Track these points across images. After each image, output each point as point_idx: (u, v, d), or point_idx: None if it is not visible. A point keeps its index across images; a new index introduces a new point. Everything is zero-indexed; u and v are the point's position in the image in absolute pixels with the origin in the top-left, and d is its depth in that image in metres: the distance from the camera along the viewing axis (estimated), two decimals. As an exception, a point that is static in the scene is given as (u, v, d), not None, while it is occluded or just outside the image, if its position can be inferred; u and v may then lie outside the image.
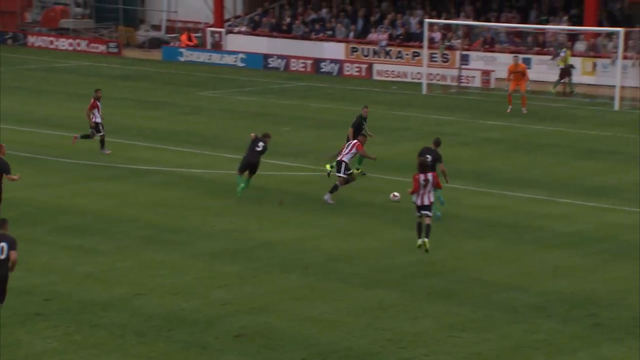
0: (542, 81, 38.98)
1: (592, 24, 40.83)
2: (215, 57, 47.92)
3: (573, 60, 39.35)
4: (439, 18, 43.80)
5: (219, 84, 41.86)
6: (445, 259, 18.08)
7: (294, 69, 45.50)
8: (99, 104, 26.60)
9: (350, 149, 22.21)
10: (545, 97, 35.08)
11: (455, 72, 40.92)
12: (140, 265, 17.56)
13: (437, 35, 43.06)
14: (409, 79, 42.09)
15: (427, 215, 17.97)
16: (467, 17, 44.15)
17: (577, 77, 39.55)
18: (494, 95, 37.96)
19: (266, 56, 46.59)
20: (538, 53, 41.61)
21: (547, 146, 28.62)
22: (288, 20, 48.67)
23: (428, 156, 20.25)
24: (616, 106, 35.08)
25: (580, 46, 40.75)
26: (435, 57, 42.54)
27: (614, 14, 42.74)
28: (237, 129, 31.37)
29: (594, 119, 33.38)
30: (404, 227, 20.11)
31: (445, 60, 42.89)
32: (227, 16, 51.12)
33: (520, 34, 42.30)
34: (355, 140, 22.60)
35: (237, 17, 51.37)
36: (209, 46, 49.62)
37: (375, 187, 23.60)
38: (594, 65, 39.89)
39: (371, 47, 45.32)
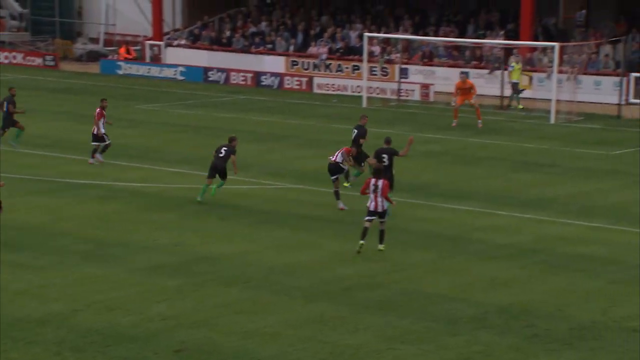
0: (480, 94, 39.48)
1: (527, 38, 41.52)
2: (155, 70, 47.63)
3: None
4: (379, 32, 44.14)
5: (158, 97, 41.60)
6: (386, 271, 18.16)
7: (234, 82, 45.43)
8: (105, 113, 27.02)
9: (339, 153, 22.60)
10: (483, 111, 35.47)
11: (394, 86, 41.26)
12: (77, 280, 17.33)
13: (377, 49, 43.39)
14: (349, 92, 42.32)
15: (380, 221, 18.73)
16: (405, 32, 44.58)
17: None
18: (433, 108, 38.35)
19: (206, 69, 46.45)
20: (476, 67, 42.16)
21: (486, 159, 28.97)
22: (228, 33, 48.59)
23: (384, 156, 21.68)
24: (552, 120, 35.68)
25: (514, 60, 41.41)
26: (375, 71, 42.84)
27: (549, 28, 43.53)
28: (177, 142, 31.19)
29: (531, 132, 33.91)
30: (345, 239, 20.17)
31: (384, 73, 43.23)
32: (166, 29, 50.88)
33: (458, 48, 42.83)
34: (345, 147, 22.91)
35: (176, 30, 51.14)
36: (147, 59, 49.31)
37: (317, 200, 23.63)
38: (530, 79, 40.53)
39: (311, 61, 45.49)
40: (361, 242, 18.70)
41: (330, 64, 44.92)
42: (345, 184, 24.27)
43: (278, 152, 29.85)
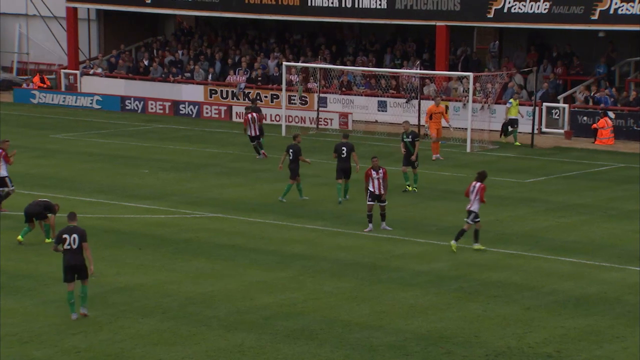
0: (396, 123, 39.95)
1: (443, 68, 42.30)
2: (70, 99, 46.99)
3: (426, 104, 40.56)
4: (297, 61, 44.42)
5: (74, 126, 41.03)
6: (304, 299, 18.18)
7: (152, 111, 45.10)
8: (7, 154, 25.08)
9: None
10: (397, 139, 35.87)
11: (313, 114, 41.50)
12: (-11, 313, 16.91)
13: (295, 78, 43.62)
14: (268, 121, 42.37)
15: (475, 221, 21.50)
16: (324, 61, 44.95)
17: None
18: (351, 137, 38.60)
19: (123, 98, 46.03)
20: (393, 96, 42.73)
21: (403, 187, 29.19)
22: (145, 62, 48.28)
23: (344, 148, 26.16)
24: (468, 148, 36.31)
25: (430, 89, 42.10)
26: (293, 100, 43.03)
27: (467, 58, 44.39)
28: (94, 172, 30.79)
29: (448, 160, 34.43)
30: (264, 268, 20.13)
31: (303, 102, 43.46)
32: (82, 58, 50.30)
33: (376, 77, 43.37)
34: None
35: (92, 59, 50.60)
36: (63, 88, 48.63)
37: (235, 229, 23.56)
38: (447, 108, 41.24)
39: (230, 89, 45.48)
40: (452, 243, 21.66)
41: (249, 92, 44.97)
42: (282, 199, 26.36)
43: (196, 181, 29.70)
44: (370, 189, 23.19)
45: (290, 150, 26.84)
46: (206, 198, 27.10)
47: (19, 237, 21.44)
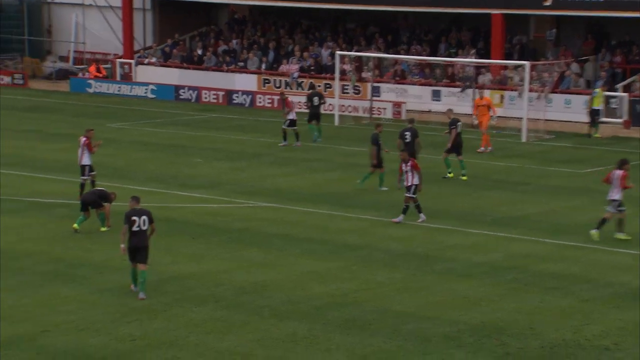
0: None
1: (498, 57, 41.85)
2: (125, 89, 47.49)
3: (482, 93, 40.22)
4: (350, 50, 44.33)
5: (128, 115, 41.46)
6: (357, 289, 18.17)
7: (206, 100, 45.38)
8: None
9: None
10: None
11: (367, 104, 41.40)
12: (44, 301, 17.20)
13: (348, 67, 43.55)
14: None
15: (619, 210, 21.42)
16: (378, 50, 44.80)
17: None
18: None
19: (177, 87, 46.37)
20: (447, 85, 42.42)
21: (456, 176, 29.03)
22: (199, 51, 48.59)
23: (407, 133, 26.53)
24: (523, 138, 35.93)
25: (485, 79, 41.70)
26: (347, 89, 42.99)
27: (523, 46, 43.89)
28: (148, 161, 31.09)
29: (503, 150, 34.11)
30: (317, 258, 20.17)
31: (357, 92, 43.37)
32: (136, 47, 50.77)
33: (430, 66, 43.09)
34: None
35: (147, 48, 51.06)
36: (118, 77, 49.16)
37: (288, 218, 23.63)
38: (502, 97, 40.83)
39: (283, 79, 45.55)
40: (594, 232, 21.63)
41: (302, 81, 45.01)
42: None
43: (250, 170, 29.85)
44: (405, 183, 22.92)
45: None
46: (259, 187, 27.21)
47: (75, 225, 21.76)
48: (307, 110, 35.56)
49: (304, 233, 22.28)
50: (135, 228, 17.57)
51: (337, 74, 40.15)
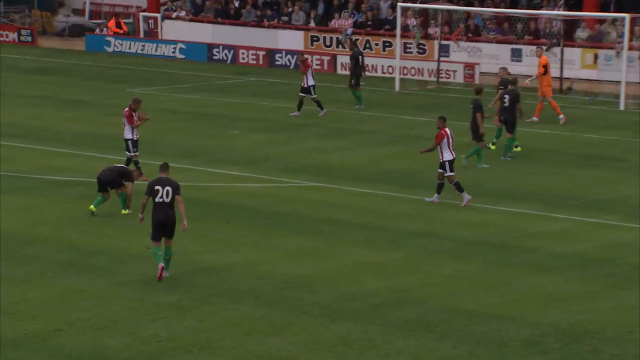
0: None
1: (592, 9, 41.36)
2: (150, 48, 47.84)
3: (571, 52, 39.79)
4: (415, 2, 44.12)
5: (154, 79, 41.77)
6: (420, 285, 18.19)
7: (244, 61, 45.55)
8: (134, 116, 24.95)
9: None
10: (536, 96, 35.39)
11: (433, 65, 41.23)
12: (57, 295, 17.45)
13: (412, 22, 43.36)
14: (379, 74, 42.34)
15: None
16: (447, 1, 44.52)
17: (575, 71, 39.99)
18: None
19: (210, 46, 46.60)
20: (530, 43, 42.06)
21: (540, 152, 28.90)
22: (236, 4, 48.73)
23: (506, 96, 27.48)
24: (621, 105, 35.54)
25: (581, 34, 41.21)
26: (409, 48, 42.82)
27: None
28: (176, 132, 31.35)
29: (596, 120, 33.79)
30: (373, 247, 20.21)
31: (421, 51, 43.20)
32: (163, -1, 51.10)
33: (510, 21, 42.75)
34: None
35: (174, 0, 51.32)
36: (142, 34, 49.52)
37: (340, 201, 23.70)
38: (596, 57, 40.37)
39: (335, 36, 45.53)
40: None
41: (357, 39, 44.94)
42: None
43: (295, 144, 29.93)
44: (447, 155, 23.03)
45: (471, 106, 26.82)
46: (305, 164, 27.30)
47: (92, 207, 22.05)
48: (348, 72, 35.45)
49: (358, 218, 22.30)
50: (158, 199, 18.03)
51: (398, 30, 40.03)
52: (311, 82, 33.23)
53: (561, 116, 32.66)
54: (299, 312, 16.78)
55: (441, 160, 23.13)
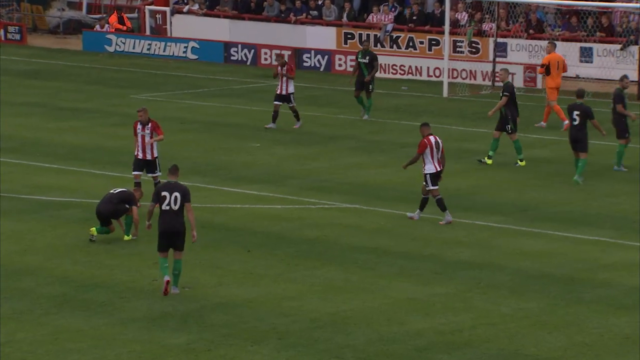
0: (606, 80, 39.14)
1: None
2: (157, 47, 48.03)
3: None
4: (466, -7, 44.10)
5: (162, 83, 41.93)
6: (473, 325, 18.11)
7: (266, 62, 45.63)
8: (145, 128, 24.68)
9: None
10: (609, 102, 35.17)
11: (488, 67, 41.14)
12: (49, 335, 17.49)
13: (464, 17, 43.31)
14: (424, 77, 42.26)
15: None
16: (504, -8, 44.47)
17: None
18: (541, 97, 38.17)
19: (228, 45, 46.73)
20: (602, 41, 41.89)
21: (610, 168, 28.64)
22: (258, -5, 48.84)
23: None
24: None
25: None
26: (460, 47, 42.77)
27: None
28: (187, 145, 31.41)
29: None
30: (417, 281, 20.13)
31: (474, 50, 43.14)
32: (173, -10, 51.31)
33: (578, 15, 42.61)
34: None
35: (187, -9, 51.51)
36: (148, 31, 49.74)
37: (375, 225, 23.65)
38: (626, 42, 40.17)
39: (372, 33, 45.56)
40: None
41: (398, 37, 44.95)
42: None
43: (326, 159, 29.92)
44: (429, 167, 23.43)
45: (576, 113, 27.02)
46: (338, 182, 27.28)
47: (93, 230, 22.03)
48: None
49: (399, 245, 22.25)
50: (165, 206, 18.46)
51: (447, 26, 40.00)
52: (291, 90, 33.11)
53: (566, 122, 32.77)
54: (329, 357, 16.74)
55: (423, 172, 23.39)
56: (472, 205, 25.11)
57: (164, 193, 18.64)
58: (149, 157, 24.20)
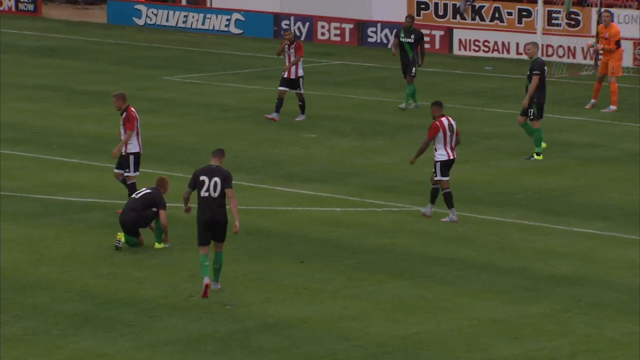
0: None
1: None
2: (195, 19, 48.20)
3: None
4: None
5: (200, 62, 42.08)
6: (573, 351, 18.05)
7: (324, 38, 45.67)
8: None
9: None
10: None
11: (589, 42, 40.88)
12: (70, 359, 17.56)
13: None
14: (512, 55, 42.14)
15: None
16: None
17: None
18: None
19: (278, 17, 46.80)
20: None
21: None
22: (314, -42, 48.94)
23: None
24: None
25: None
26: (556, 19, 42.55)
27: None
28: (230, 136, 31.48)
29: None
30: (504, 298, 20.08)
31: (573, 23, 42.91)
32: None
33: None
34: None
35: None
36: (184, 1, 49.94)
37: (454, 232, 23.60)
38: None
39: (450, 3, 45.45)
40: None
41: (482, 7, 44.81)
42: None
43: (394, 153, 29.88)
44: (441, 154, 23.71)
45: None
46: (409, 181, 27.25)
47: (120, 235, 22.07)
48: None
49: (482, 256, 22.22)
50: (203, 193, 18.90)
51: (539, -6, 39.88)
52: (301, 73, 32.84)
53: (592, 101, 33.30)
54: (399, 388, 16.79)
55: (434, 160, 23.65)
56: (569, 208, 24.99)
57: (202, 178, 19.06)
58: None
